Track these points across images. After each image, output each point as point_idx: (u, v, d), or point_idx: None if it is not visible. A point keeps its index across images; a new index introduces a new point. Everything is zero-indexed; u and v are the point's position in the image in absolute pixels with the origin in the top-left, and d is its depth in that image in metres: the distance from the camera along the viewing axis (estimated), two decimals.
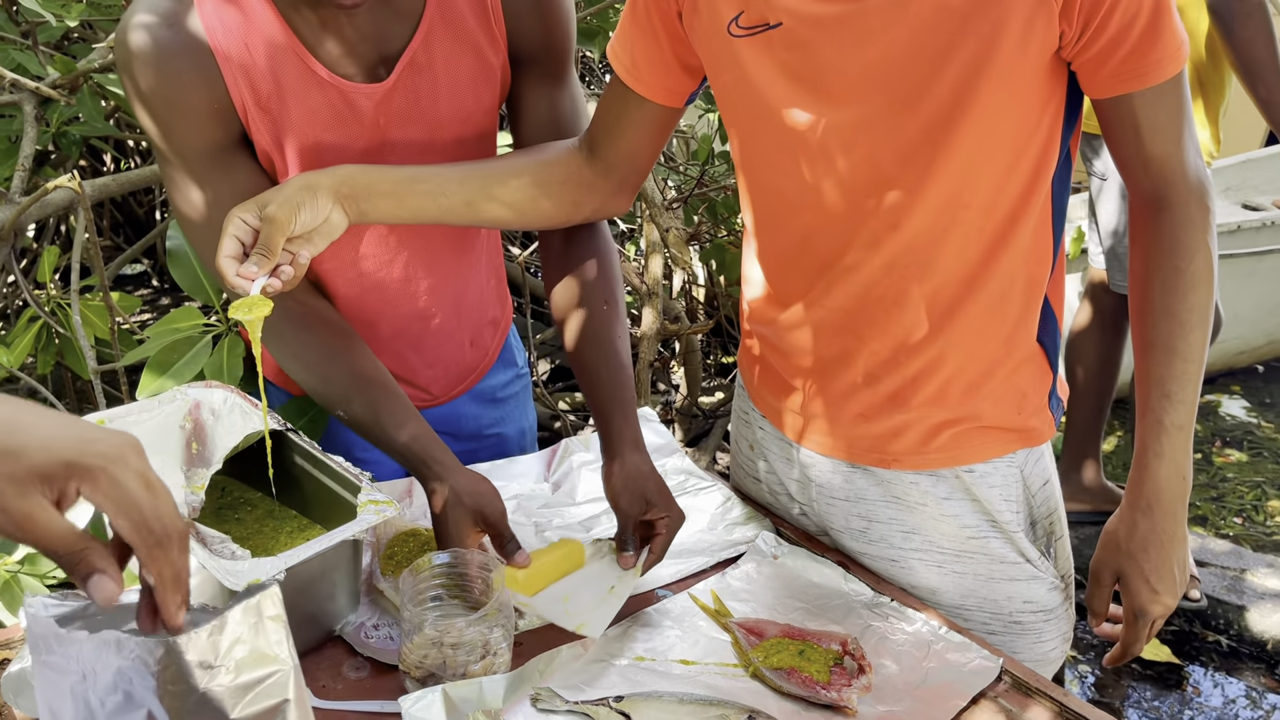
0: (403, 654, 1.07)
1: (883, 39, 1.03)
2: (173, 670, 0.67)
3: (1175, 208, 1.10)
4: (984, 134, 1.06)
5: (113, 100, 2.46)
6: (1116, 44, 1.01)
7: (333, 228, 1.11)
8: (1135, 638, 1.20)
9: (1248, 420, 4.04)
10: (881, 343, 1.20)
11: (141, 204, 5.13)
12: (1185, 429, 1.12)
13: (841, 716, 1.07)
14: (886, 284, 1.16)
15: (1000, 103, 1.04)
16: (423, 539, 1.26)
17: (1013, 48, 1.01)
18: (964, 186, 1.09)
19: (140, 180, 2.16)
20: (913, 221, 1.11)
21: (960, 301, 1.16)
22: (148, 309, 4.88)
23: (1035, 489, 1.27)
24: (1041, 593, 1.27)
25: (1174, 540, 1.15)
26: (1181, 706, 2.62)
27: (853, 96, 1.08)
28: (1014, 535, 1.25)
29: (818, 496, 1.33)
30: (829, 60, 1.07)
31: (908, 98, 1.05)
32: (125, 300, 2.03)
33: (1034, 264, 1.17)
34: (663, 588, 1.28)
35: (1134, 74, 1.04)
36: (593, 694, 1.08)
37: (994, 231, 1.12)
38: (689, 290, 3.44)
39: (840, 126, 1.09)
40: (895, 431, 1.24)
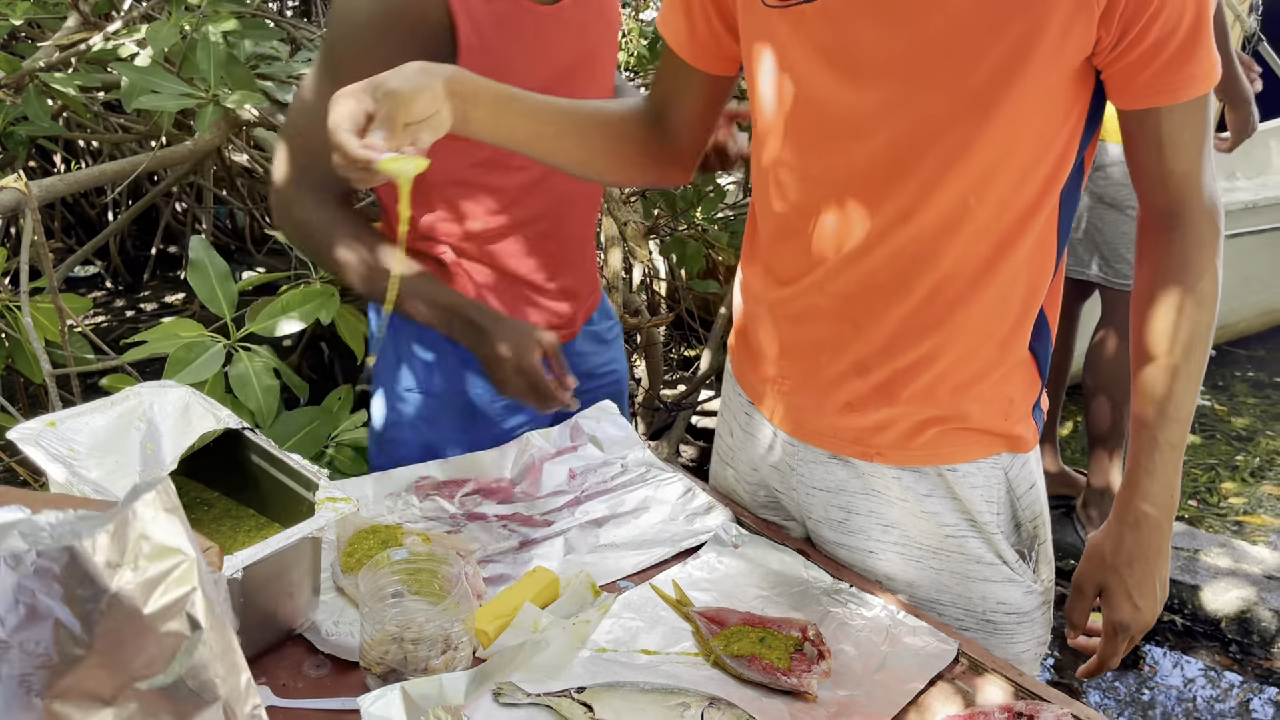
0: (363, 650, 1.07)
1: (921, 23, 1.02)
2: (79, 575, 0.65)
3: (1188, 227, 1.10)
4: (1008, 131, 1.05)
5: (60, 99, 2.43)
6: (1152, 55, 1.01)
7: (440, 123, 1.07)
8: (1113, 651, 1.21)
9: (1202, 404, 4.11)
10: (877, 332, 1.18)
11: (94, 205, 5.05)
12: (1178, 448, 1.14)
13: (802, 702, 1.08)
14: (889, 273, 1.15)
15: (1029, 102, 1.04)
16: (382, 536, 1.26)
17: (1049, 47, 1.00)
18: (980, 183, 1.08)
19: (90, 180, 2.13)
20: (925, 213, 1.10)
21: (961, 299, 1.15)
22: (101, 311, 4.81)
23: (1021, 492, 1.26)
24: (1016, 595, 1.26)
25: (1159, 557, 1.17)
26: (1140, 685, 2.67)
27: (882, 79, 1.06)
28: (992, 536, 1.24)
29: (798, 485, 1.32)
30: (863, 40, 1.06)
31: (938, 86, 1.04)
32: (75, 302, 2.00)
33: (1036, 270, 1.16)
34: (624, 578, 1.29)
35: (1166, 88, 1.03)
36: (555, 686, 1.08)
37: (1002, 232, 1.11)
38: (649, 284, 3.44)
39: (865, 108, 1.08)
40: (881, 425, 1.22)
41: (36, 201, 1.83)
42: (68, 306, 1.89)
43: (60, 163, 4.74)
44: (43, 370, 1.82)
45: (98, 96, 2.74)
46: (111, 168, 2.11)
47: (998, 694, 1.09)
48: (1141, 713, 2.59)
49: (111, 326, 4.61)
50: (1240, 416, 4.01)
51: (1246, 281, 4.41)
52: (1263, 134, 4.46)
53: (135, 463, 1.19)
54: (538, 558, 1.32)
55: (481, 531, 1.37)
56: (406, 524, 1.34)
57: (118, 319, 4.73)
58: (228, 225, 5.08)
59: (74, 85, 2.30)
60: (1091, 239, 2.78)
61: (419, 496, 1.42)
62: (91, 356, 1.98)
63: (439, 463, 1.49)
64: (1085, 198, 2.74)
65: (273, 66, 2.41)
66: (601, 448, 1.55)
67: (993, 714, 1.03)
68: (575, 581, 1.22)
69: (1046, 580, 1.31)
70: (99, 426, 1.18)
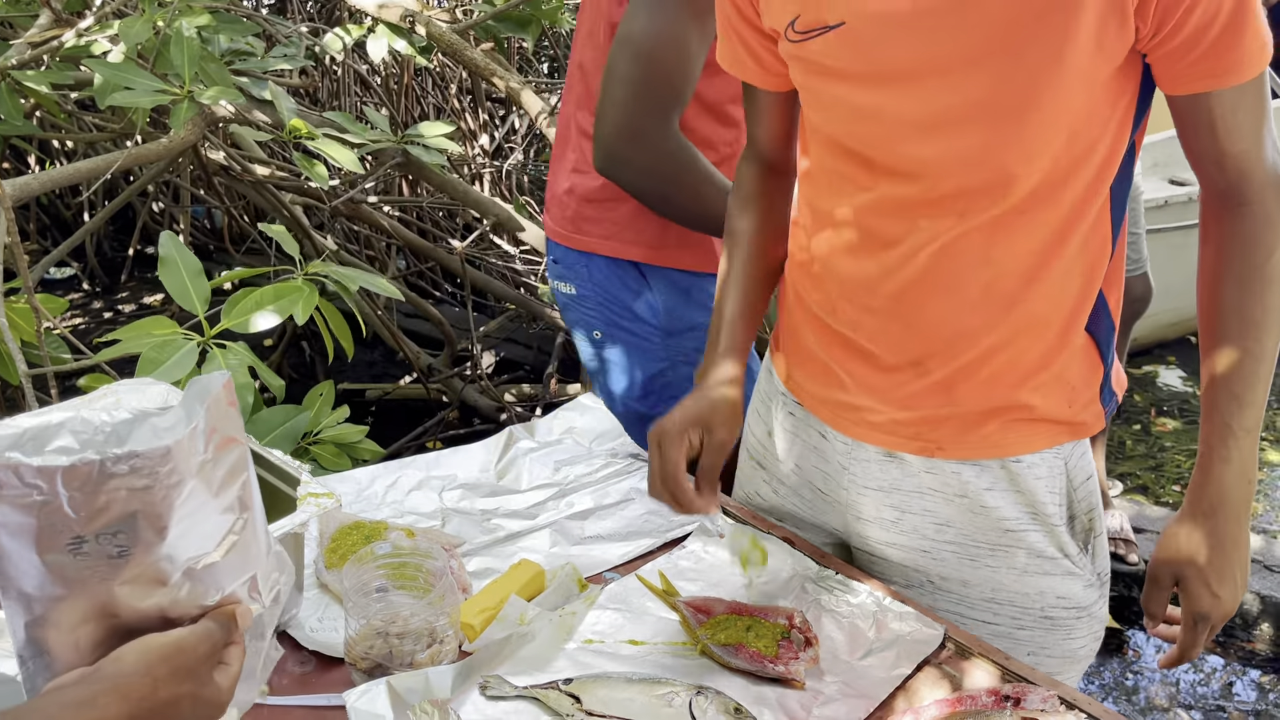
0: (348, 646, 1.06)
1: (954, 37, 1.01)
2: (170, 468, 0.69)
3: (1253, 204, 1.07)
4: (1054, 129, 1.03)
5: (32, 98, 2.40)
6: (1194, 42, 0.98)
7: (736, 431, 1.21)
8: (1193, 642, 1.16)
9: (1184, 390, 4.14)
10: (934, 331, 1.15)
11: (69, 206, 5.01)
12: (1253, 433, 1.10)
13: (790, 689, 1.08)
14: (943, 272, 1.12)
15: (1073, 99, 1.02)
16: (366, 531, 1.25)
17: (1086, 46, 0.99)
18: (1031, 183, 1.06)
19: (64, 178, 2.11)
20: (976, 215, 1.09)
21: (1017, 293, 1.12)
22: (78, 313, 4.77)
23: (1079, 483, 1.23)
24: (1078, 589, 1.23)
25: (1237, 545, 1.12)
26: (1124, 669, 2.69)
27: (921, 93, 1.05)
28: (1055, 528, 1.21)
29: (849, 485, 1.28)
30: (897, 57, 1.04)
31: (977, 94, 1.03)
32: (51, 302, 1.98)
33: (1092, 256, 1.14)
34: (610, 570, 1.28)
35: (1212, 73, 1.01)
36: (542, 678, 1.07)
37: (1055, 225, 1.09)
38: None
39: (907, 120, 1.07)
40: (941, 419, 1.19)
41: (10, 201, 1.81)
42: (44, 307, 1.87)
43: (35, 163, 4.70)
44: (18, 371, 1.80)
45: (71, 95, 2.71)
46: (86, 166, 2.08)
47: (984, 678, 1.09)
48: (1126, 696, 2.60)
49: (89, 328, 4.57)
50: None
51: None
52: None
53: None
54: (523, 550, 1.31)
55: (466, 525, 1.36)
56: (391, 519, 1.34)
57: (95, 320, 4.70)
58: (206, 224, 5.05)
59: (47, 83, 2.28)
60: None
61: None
62: (68, 356, 1.96)
63: (430, 456, 1.48)
64: None
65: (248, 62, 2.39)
66: (586, 440, 1.55)
67: (979, 697, 1.03)
68: (561, 574, 1.22)
69: (1103, 573, 1.28)
70: None
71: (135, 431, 0.76)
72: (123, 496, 0.67)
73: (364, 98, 4.33)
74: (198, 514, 0.71)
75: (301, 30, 2.94)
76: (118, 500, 0.67)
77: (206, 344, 1.66)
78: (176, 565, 0.71)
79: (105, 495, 0.67)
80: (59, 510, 0.66)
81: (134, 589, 0.70)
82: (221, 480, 0.73)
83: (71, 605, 0.69)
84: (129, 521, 0.68)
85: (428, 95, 4.43)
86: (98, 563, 0.68)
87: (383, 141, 2.51)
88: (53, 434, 0.74)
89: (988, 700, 1.03)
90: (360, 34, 2.77)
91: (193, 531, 0.71)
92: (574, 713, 1.02)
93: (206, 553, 0.73)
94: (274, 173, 3.12)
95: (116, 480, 0.67)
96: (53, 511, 0.66)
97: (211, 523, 0.73)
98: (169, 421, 0.74)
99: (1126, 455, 3.64)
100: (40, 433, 0.74)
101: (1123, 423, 3.84)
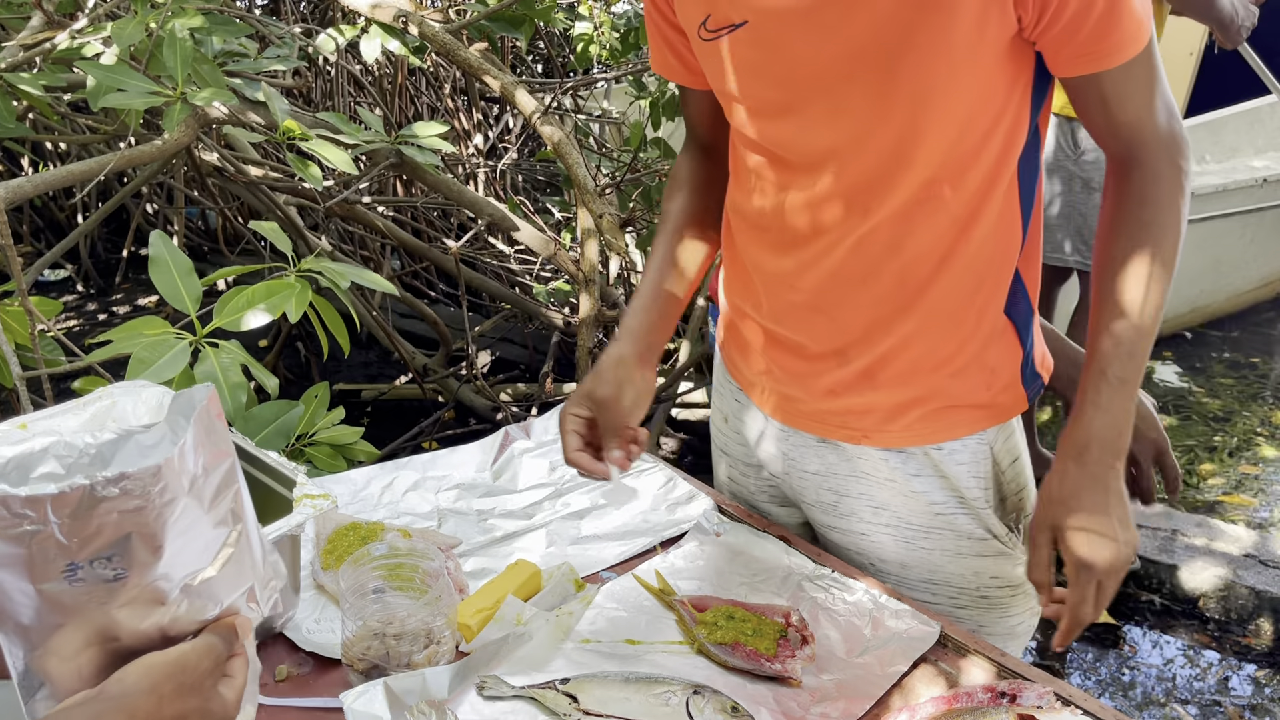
0: (345, 647, 1.06)
1: (846, 31, 1.03)
2: (162, 487, 0.68)
3: (1145, 164, 1.10)
4: (950, 117, 1.06)
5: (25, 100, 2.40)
6: (1075, 28, 1.01)
7: (649, 388, 1.24)
8: (1080, 597, 1.09)
9: (1180, 386, 4.15)
10: (851, 321, 1.19)
11: (62, 208, 5.01)
12: (1129, 384, 1.09)
13: (786, 687, 1.08)
14: (855, 265, 1.16)
15: (964, 87, 1.04)
16: (362, 532, 1.25)
17: (968, 34, 1.01)
18: (931, 169, 1.09)
19: (58, 181, 2.10)
20: (883, 206, 1.11)
21: (930, 280, 1.15)
22: (73, 315, 4.76)
23: (1005, 466, 1.26)
24: (1008, 569, 1.27)
25: (1109, 493, 1.09)
26: (1120, 665, 2.69)
27: (820, 88, 1.08)
28: (981, 512, 1.24)
29: (791, 470, 1.33)
30: (797, 54, 1.07)
31: (872, 87, 1.05)
32: (45, 305, 1.98)
33: (1001, 240, 1.16)
34: (607, 569, 1.28)
35: (1094, 55, 1.03)
36: (539, 678, 1.07)
37: (961, 211, 1.12)
38: (627, 276, 3.44)
39: (809, 118, 1.10)
40: (865, 409, 1.23)
41: (4, 204, 1.81)
42: (38, 310, 1.87)
43: (28, 165, 4.69)
44: (13, 374, 1.80)
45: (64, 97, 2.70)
46: (79, 168, 2.08)
47: (981, 675, 1.10)
48: (1122, 692, 2.61)
49: (84, 330, 4.56)
50: (1216, 398, 4.04)
51: (1218, 264, 4.46)
52: (1232, 117, 4.50)
53: None
54: (519, 550, 1.31)
55: (463, 525, 1.36)
56: (387, 520, 1.33)
57: (90, 322, 4.69)
58: (200, 226, 5.04)
59: (39, 85, 2.27)
60: (1069, 221, 2.79)
61: None
62: (62, 359, 1.96)
63: (426, 457, 1.48)
64: (1061, 181, 2.75)
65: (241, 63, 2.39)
66: None
67: (976, 694, 1.03)
68: (558, 573, 1.22)
69: None
70: (72, 428, 1.16)
71: (120, 451, 0.74)
72: (115, 519, 0.66)
73: (358, 98, 4.33)
74: (191, 530, 0.70)
75: (294, 31, 2.94)
76: (110, 523, 0.66)
77: (198, 344, 1.66)
78: (174, 583, 0.70)
79: (97, 520, 0.65)
80: (51, 539, 0.65)
81: (132, 611, 0.69)
82: (213, 494, 0.72)
83: (71, 633, 0.68)
84: (123, 544, 0.67)
85: (421, 95, 4.43)
86: (94, 588, 0.67)
87: (376, 142, 2.50)
88: (36, 460, 0.72)
89: (984, 697, 1.03)
90: (353, 34, 2.76)
91: (188, 548, 0.70)
92: (571, 712, 1.02)
93: (203, 568, 0.72)
94: (268, 174, 3.12)
95: (108, 503, 0.65)
96: (44, 540, 0.64)
97: (206, 537, 0.72)
98: (154, 438, 0.72)
99: None
100: (24, 460, 0.73)
101: None
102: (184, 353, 1.57)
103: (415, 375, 3.57)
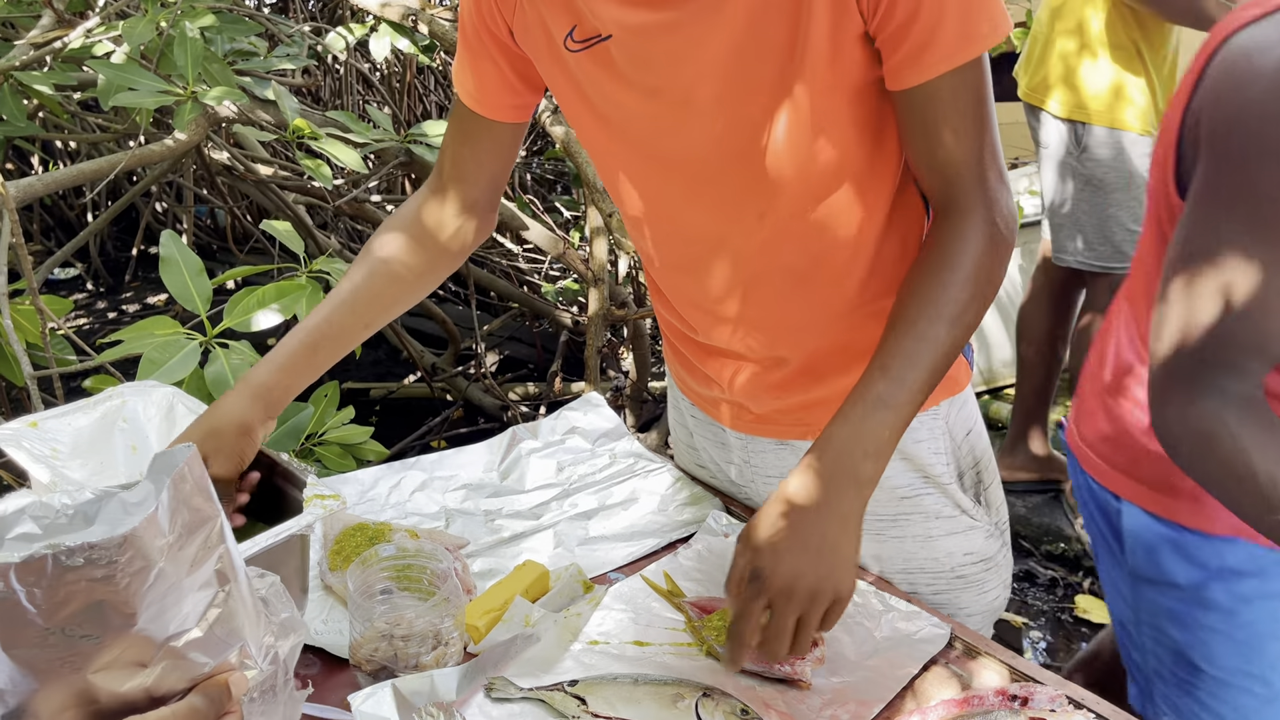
0: (353, 648, 1.06)
1: (707, 42, 1.03)
2: (132, 556, 0.66)
3: (956, 217, 1.05)
4: (820, 118, 1.04)
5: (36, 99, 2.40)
6: (899, 37, 0.98)
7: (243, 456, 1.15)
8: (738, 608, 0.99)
9: None
10: (781, 327, 1.19)
11: (72, 207, 5.02)
12: (890, 409, 1.00)
13: (796, 690, 1.07)
14: (769, 274, 1.15)
15: (828, 87, 1.02)
16: (370, 533, 1.25)
17: (823, 37, 0.99)
18: (814, 170, 1.08)
19: (68, 180, 2.11)
20: (774, 210, 1.10)
21: (843, 274, 1.15)
22: (83, 313, 4.77)
23: (960, 438, 1.27)
24: (979, 541, 1.28)
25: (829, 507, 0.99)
26: None
27: (688, 100, 1.07)
28: (947, 487, 1.25)
29: (754, 477, 1.34)
30: (662, 67, 1.06)
31: (739, 95, 1.05)
32: (56, 303, 1.98)
33: (909, 226, 1.16)
34: (615, 570, 1.28)
35: (917, 65, 1.00)
36: (547, 680, 1.07)
37: (862, 212, 1.11)
38: (635, 275, 3.43)
39: (681, 131, 1.09)
40: (812, 403, 1.24)
41: (14, 203, 1.81)
42: (48, 309, 1.87)
43: (38, 164, 4.70)
44: (24, 373, 1.80)
45: (74, 96, 2.71)
46: (90, 166, 2.08)
47: (992, 678, 1.09)
48: None
49: (94, 328, 4.58)
50: None
51: None
52: None
53: (119, 463, 1.18)
54: (527, 551, 1.31)
55: (470, 526, 1.36)
56: (395, 520, 1.33)
57: (100, 321, 4.70)
58: (209, 224, 5.05)
59: (50, 84, 2.28)
60: (1076, 220, 2.78)
61: None
62: (73, 358, 1.96)
63: (434, 456, 1.48)
64: (1070, 179, 2.74)
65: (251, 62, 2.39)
66: (589, 440, 1.54)
67: (987, 697, 1.03)
68: (565, 574, 1.21)
69: (1000, 522, 1.32)
70: (82, 427, 1.17)
71: (103, 510, 0.71)
72: (84, 588, 0.63)
73: (366, 96, 4.33)
74: (170, 595, 0.67)
75: (304, 30, 2.94)
76: (79, 592, 0.63)
77: (209, 344, 1.67)
78: (154, 646, 0.68)
79: (65, 589, 0.63)
80: (18, 606, 0.62)
81: (110, 674, 0.66)
82: (193, 558, 0.69)
83: (46, 696, 0.66)
84: (94, 610, 0.64)
85: (430, 93, 4.43)
86: (67, 653, 0.65)
87: (386, 140, 2.50)
88: (12, 521, 0.70)
89: (995, 700, 1.02)
90: (363, 33, 2.76)
91: (167, 612, 0.68)
92: (580, 714, 1.02)
93: (187, 629, 0.69)
94: (277, 172, 3.12)
95: (74, 573, 0.63)
96: (12, 607, 0.62)
97: (189, 600, 0.69)
98: (138, 496, 0.69)
99: None
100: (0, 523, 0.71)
101: None
102: (194, 353, 1.58)
103: (424, 374, 3.57)
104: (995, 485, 1.32)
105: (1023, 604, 2.86)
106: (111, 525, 0.68)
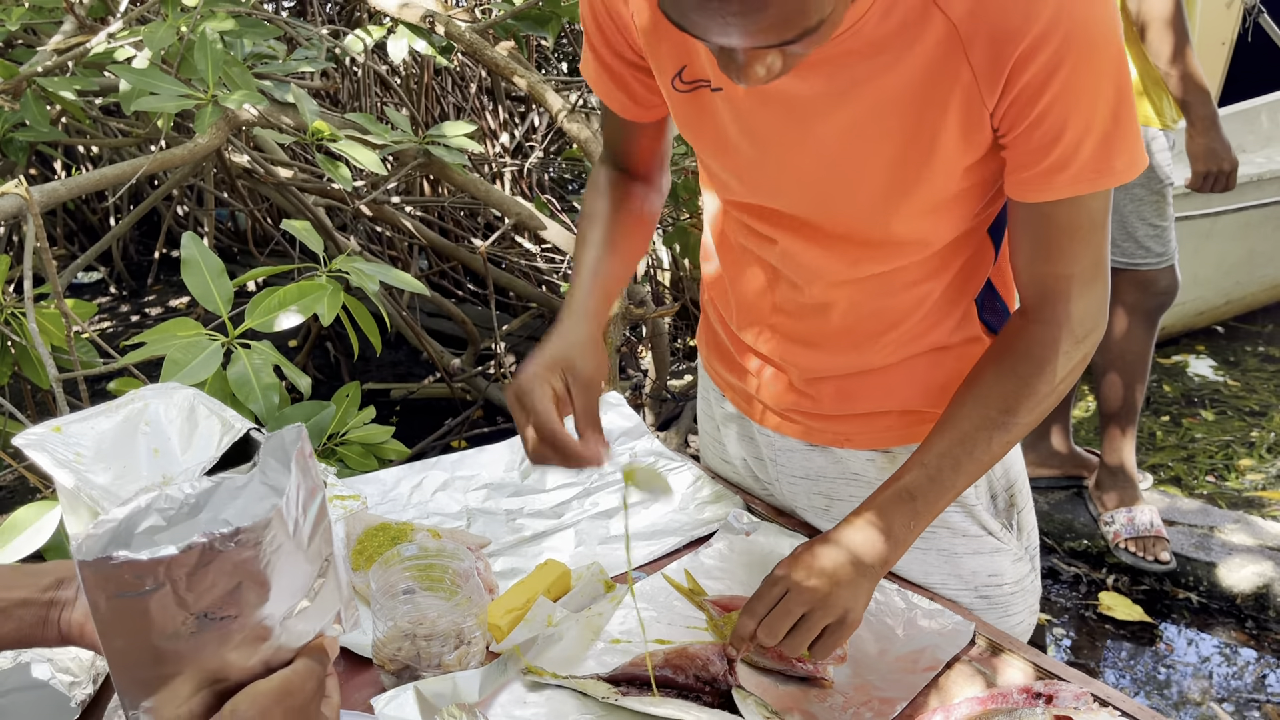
0: (376, 648, 1.06)
1: (823, 119, 1.02)
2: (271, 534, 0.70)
3: (1047, 324, 1.05)
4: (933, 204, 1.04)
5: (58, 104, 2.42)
6: (1034, 158, 0.97)
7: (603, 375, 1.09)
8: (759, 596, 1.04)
9: (1215, 379, 4.09)
10: (828, 351, 1.20)
11: (95, 211, 5.06)
12: (919, 500, 1.04)
13: (818, 688, 1.07)
14: (835, 310, 1.17)
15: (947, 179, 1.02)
16: (392, 533, 1.25)
17: (954, 141, 0.99)
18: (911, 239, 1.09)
19: (91, 184, 2.12)
20: (865, 267, 1.12)
21: (905, 315, 1.16)
22: (106, 316, 4.81)
23: None
24: (1006, 564, 1.26)
25: (860, 559, 1.03)
26: (1156, 663, 2.66)
27: (790, 161, 1.07)
28: (973, 509, 1.24)
29: (780, 476, 1.33)
30: (769, 130, 1.06)
31: (845, 170, 1.04)
32: (80, 307, 2.00)
33: (971, 271, 1.16)
34: (636, 569, 1.28)
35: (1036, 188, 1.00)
36: (579, 673, 1.07)
37: (938, 264, 1.13)
38: (654, 274, 3.43)
39: (782, 178, 1.09)
40: (844, 417, 1.24)
41: (38, 207, 1.83)
42: (73, 312, 1.89)
43: (60, 168, 4.74)
44: (49, 375, 1.82)
45: (96, 101, 2.73)
46: (112, 171, 2.10)
47: (1017, 675, 1.08)
48: (1159, 690, 2.58)
49: (117, 331, 4.62)
50: (1253, 392, 3.98)
51: (1252, 255, 4.38)
52: (1266, 106, 4.43)
53: (142, 468, 1.18)
54: (548, 550, 1.31)
55: (492, 525, 1.36)
56: (417, 520, 1.34)
57: (123, 323, 4.74)
58: (230, 227, 5.08)
59: (72, 89, 2.30)
60: None
61: None
62: (98, 360, 1.98)
63: (454, 457, 1.48)
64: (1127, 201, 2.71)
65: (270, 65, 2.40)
66: (609, 439, 1.54)
67: (1012, 694, 1.02)
68: (587, 573, 1.21)
69: (1030, 547, 1.31)
70: (105, 431, 1.17)
71: (214, 497, 0.76)
72: (229, 569, 0.68)
73: (385, 98, 4.34)
74: (293, 569, 0.72)
75: (322, 32, 2.95)
76: (224, 574, 0.68)
77: (231, 344, 1.68)
78: (277, 620, 0.72)
79: (213, 573, 0.67)
80: (169, 596, 0.66)
81: (241, 651, 0.71)
82: (309, 532, 0.74)
83: (184, 681, 0.70)
84: (235, 591, 0.69)
85: (448, 95, 4.44)
86: (208, 636, 0.69)
87: (404, 142, 2.51)
88: (140, 517, 0.74)
89: (1020, 698, 1.02)
90: (380, 35, 2.77)
91: (288, 586, 0.72)
92: (610, 694, 1.02)
93: (300, 601, 0.74)
94: (297, 175, 3.14)
95: (223, 557, 0.67)
96: (164, 598, 0.66)
97: (302, 572, 0.74)
98: (242, 481, 0.75)
99: (1157, 447, 3.60)
100: (130, 519, 0.74)
101: (1152, 414, 3.79)
102: (216, 354, 1.59)
103: (444, 374, 3.58)
104: (1028, 510, 1.30)
105: (1046, 601, 2.84)
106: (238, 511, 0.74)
